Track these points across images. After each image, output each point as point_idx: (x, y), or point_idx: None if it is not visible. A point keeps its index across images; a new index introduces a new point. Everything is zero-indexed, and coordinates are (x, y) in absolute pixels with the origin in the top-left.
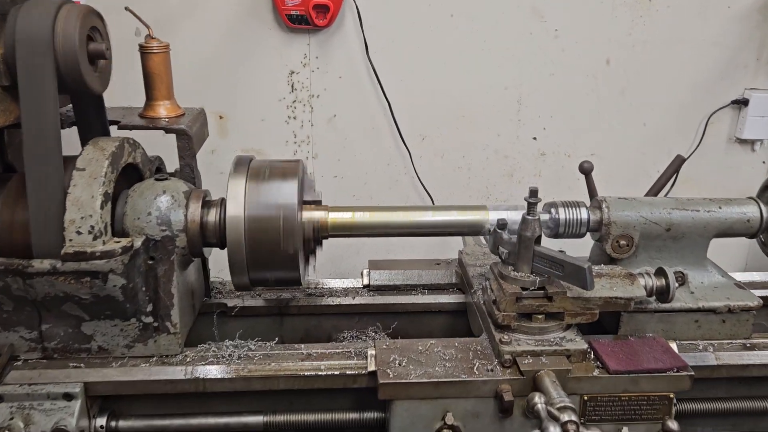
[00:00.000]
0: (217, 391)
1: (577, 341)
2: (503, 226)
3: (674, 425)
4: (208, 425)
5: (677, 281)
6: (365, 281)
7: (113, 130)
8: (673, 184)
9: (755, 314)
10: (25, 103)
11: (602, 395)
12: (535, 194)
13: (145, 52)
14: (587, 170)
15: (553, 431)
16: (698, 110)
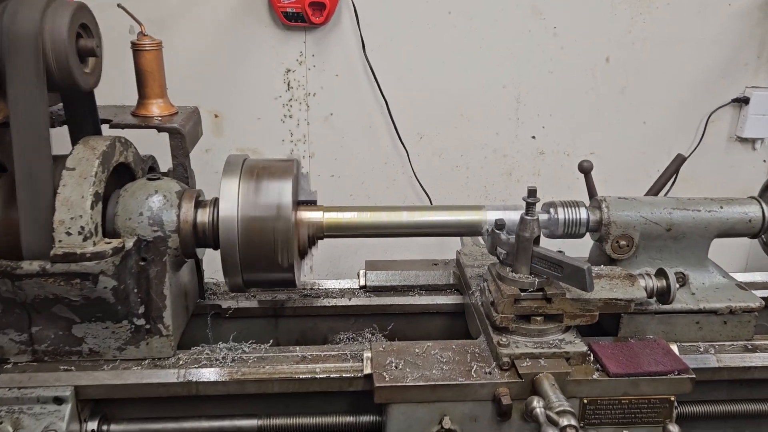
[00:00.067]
0: (210, 394)
1: (576, 343)
2: (501, 226)
3: (675, 429)
4: (201, 429)
5: (678, 282)
6: (362, 282)
7: (105, 129)
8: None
9: (757, 315)
10: (13, 101)
11: (602, 398)
12: (533, 194)
13: (137, 49)
14: (587, 169)
15: None
16: (698, 109)
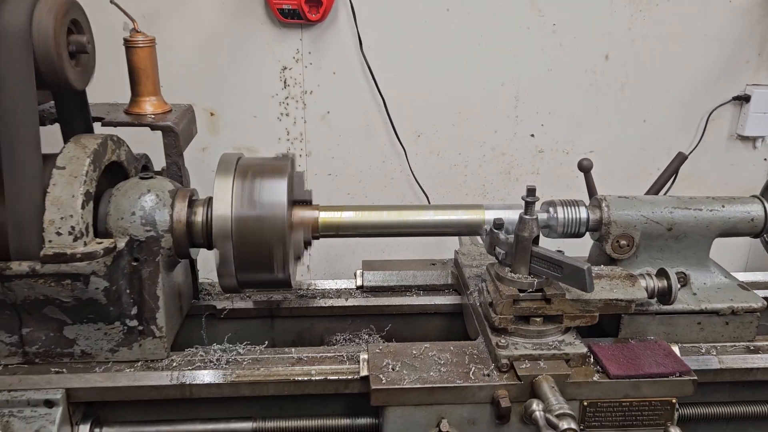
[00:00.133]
0: (204, 396)
1: (576, 345)
2: (500, 225)
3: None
4: (195, 431)
5: (679, 282)
6: (359, 282)
7: (97, 127)
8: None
9: (759, 316)
10: (1, 99)
11: (602, 401)
12: (532, 193)
13: (130, 46)
14: (586, 168)
15: None
16: (699, 106)
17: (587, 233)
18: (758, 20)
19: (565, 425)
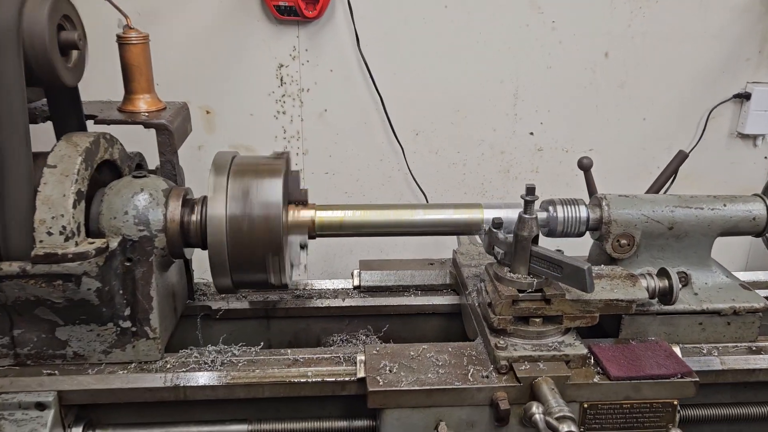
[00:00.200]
0: (198, 399)
1: (576, 346)
2: (499, 225)
3: None
4: None
5: (680, 282)
6: (356, 282)
7: (90, 125)
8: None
9: (761, 316)
10: None
11: (603, 403)
12: (532, 192)
13: (123, 43)
14: (586, 166)
15: None
16: (699, 104)
17: (587, 232)
18: (759, 18)
19: (565, 428)
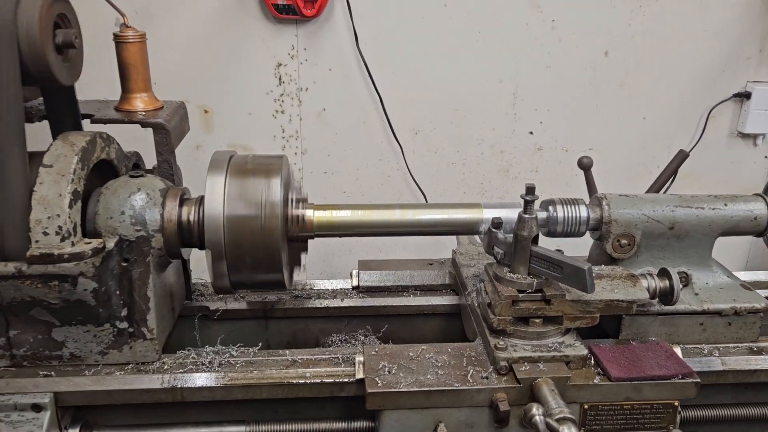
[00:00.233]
0: (196, 400)
1: (576, 346)
2: (498, 225)
3: None
4: None
5: (681, 282)
6: (354, 282)
7: (87, 124)
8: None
9: (762, 316)
10: None
11: (603, 404)
12: (532, 191)
13: (119, 41)
14: (587, 166)
15: None
16: (699, 103)
17: (587, 232)
18: (759, 16)
19: (565, 430)
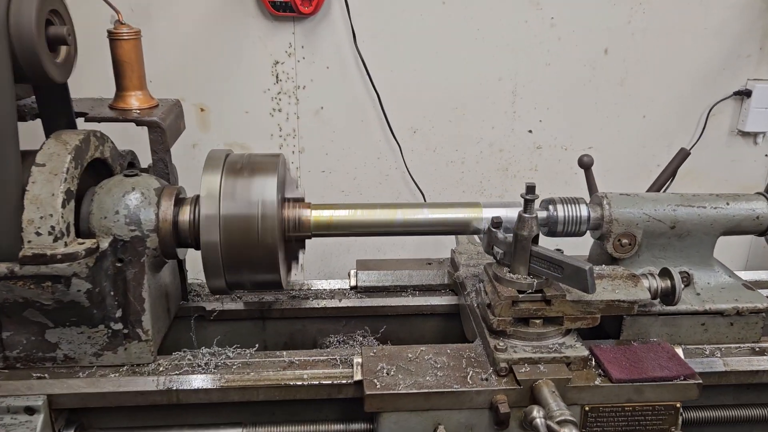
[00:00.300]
0: (192, 402)
1: (577, 347)
2: (498, 224)
3: None
4: None
5: (682, 282)
6: (353, 282)
7: (81, 122)
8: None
9: (764, 317)
10: None
11: (604, 405)
12: (532, 190)
13: (114, 38)
14: (587, 164)
15: None
16: (699, 102)
17: (588, 232)
18: (759, 14)
19: None
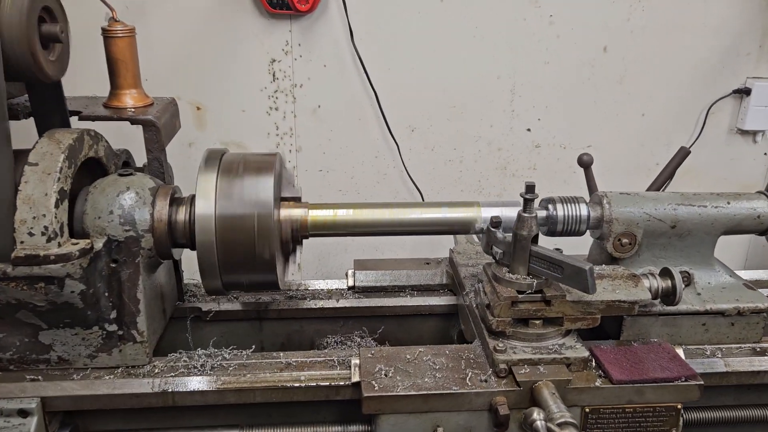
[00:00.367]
0: (188, 405)
1: (577, 348)
2: (497, 224)
3: None
4: None
5: (683, 282)
6: (350, 282)
7: (75, 121)
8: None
9: (766, 317)
10: None
11: (605, 407)
12: (531, 190)
13: (108, 36)
14: (587, 163)
15: None
16: (699, 100)
17: (588, 231)
18: (759, 12)
19: None
